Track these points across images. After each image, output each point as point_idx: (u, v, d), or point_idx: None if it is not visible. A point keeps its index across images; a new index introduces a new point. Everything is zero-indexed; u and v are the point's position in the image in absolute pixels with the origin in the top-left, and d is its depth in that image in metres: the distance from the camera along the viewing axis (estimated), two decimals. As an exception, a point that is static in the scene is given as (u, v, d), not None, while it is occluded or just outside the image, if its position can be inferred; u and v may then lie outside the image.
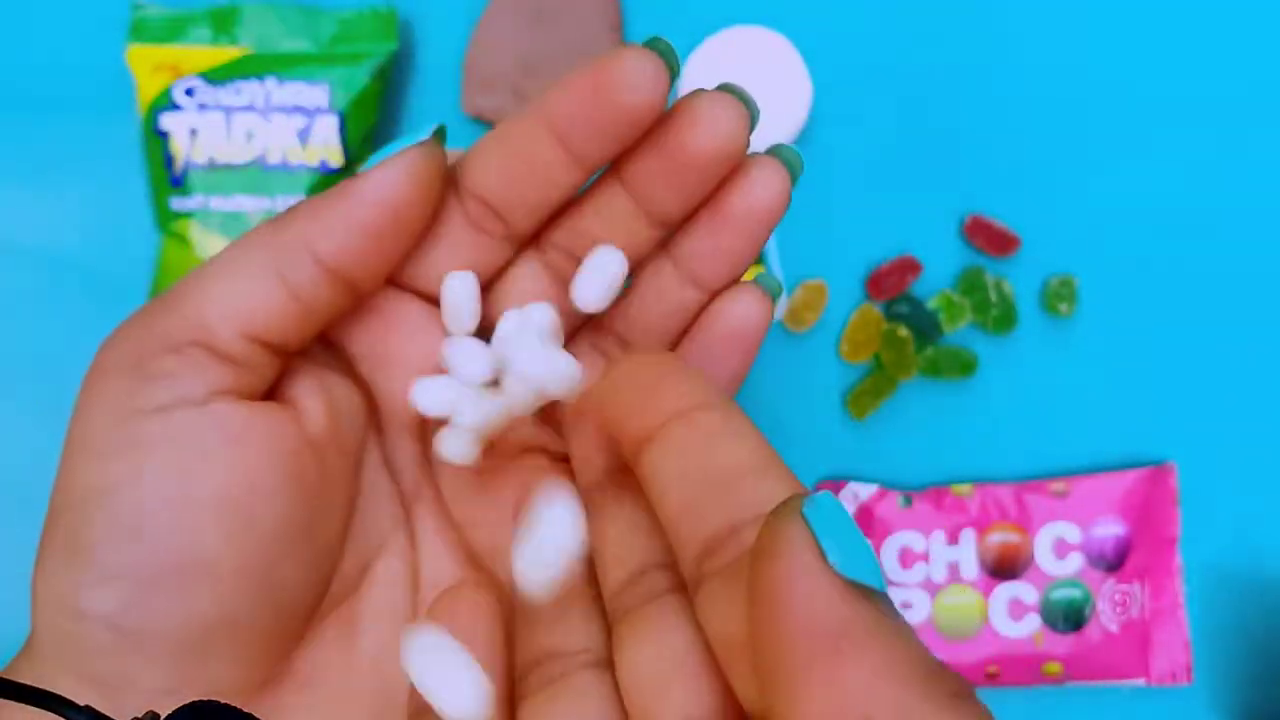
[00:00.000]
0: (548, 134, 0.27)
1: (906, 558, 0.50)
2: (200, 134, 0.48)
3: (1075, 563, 0.50)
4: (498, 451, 0.31)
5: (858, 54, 0.52)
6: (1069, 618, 0.49)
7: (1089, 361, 0.51)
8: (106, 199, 0.52)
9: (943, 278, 0.51)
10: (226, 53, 0.49)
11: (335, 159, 0.48)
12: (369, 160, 0.28)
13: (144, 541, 0.25)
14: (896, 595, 0.50)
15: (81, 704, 0.19)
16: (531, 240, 0.30)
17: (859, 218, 0.51)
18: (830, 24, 0.52)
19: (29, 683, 0.24)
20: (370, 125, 0.49)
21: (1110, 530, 0.50)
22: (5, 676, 0.19)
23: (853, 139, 0.52)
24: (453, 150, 0.50)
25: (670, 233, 0.30)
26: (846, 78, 0.52)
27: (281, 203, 0.48)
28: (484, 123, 0.51)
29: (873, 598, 0.19)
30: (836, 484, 0.51)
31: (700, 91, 0.28)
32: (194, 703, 0.21)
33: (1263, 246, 0.51)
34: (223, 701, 0.23)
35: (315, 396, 0.28)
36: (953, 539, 0.50)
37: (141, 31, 0.49)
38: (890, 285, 0.50)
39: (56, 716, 0.21)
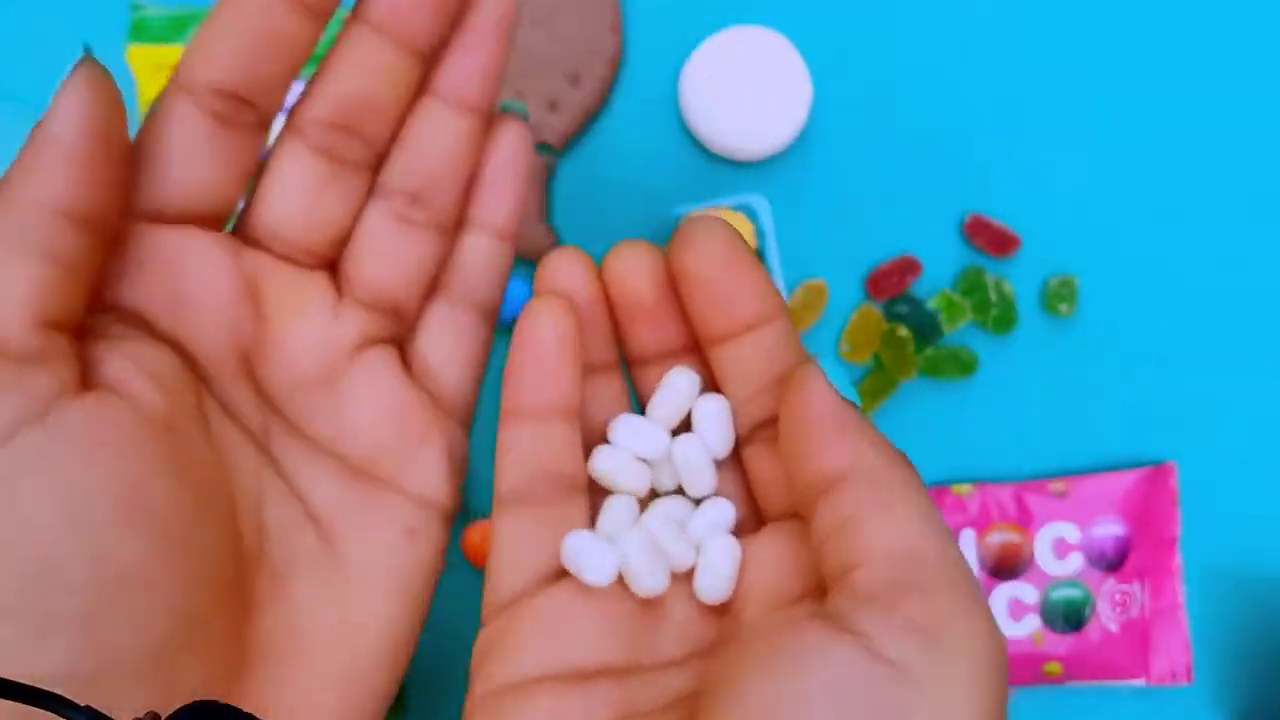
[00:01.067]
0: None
1: None
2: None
3: (1075, 563, 0.50)
4: (333, 356, 0.30)
5: (858, 54, 0.52)
6: (1069, 618, 0.49)
7: (1089, 361, 0.51)
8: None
9: (943, 278, 0.51)
10: (226, 53, 0.49)
11: (335, 159, 0.48)
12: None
13: (63, 574, 0.23)
14: None
15: (82, 704, 0.19)
16: (286, 125, 0.29)
17: (859, 218, 0.51)
18: (831, 24, 0.52)
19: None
20: (370, 125, 0.49)
21: (1110, 530, 0.50)
22: (6, 679, 0.19)
23: (853, 139, 0.52)
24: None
25: (429, 65, 0.30)
26: (847, 78, 0.52)
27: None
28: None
29: (854, 406, 0.27)
30: None
31: None
32: (194, 703, 0.21)
33: (1263, 246, 0.51)
34: (223, 702, 0.22)
35: (132, 373, 0.26)
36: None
37: (141, 32, 0.49)
38: (890, 285, 0.50)
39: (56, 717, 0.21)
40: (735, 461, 0.31)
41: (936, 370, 0.50)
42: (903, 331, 0.50)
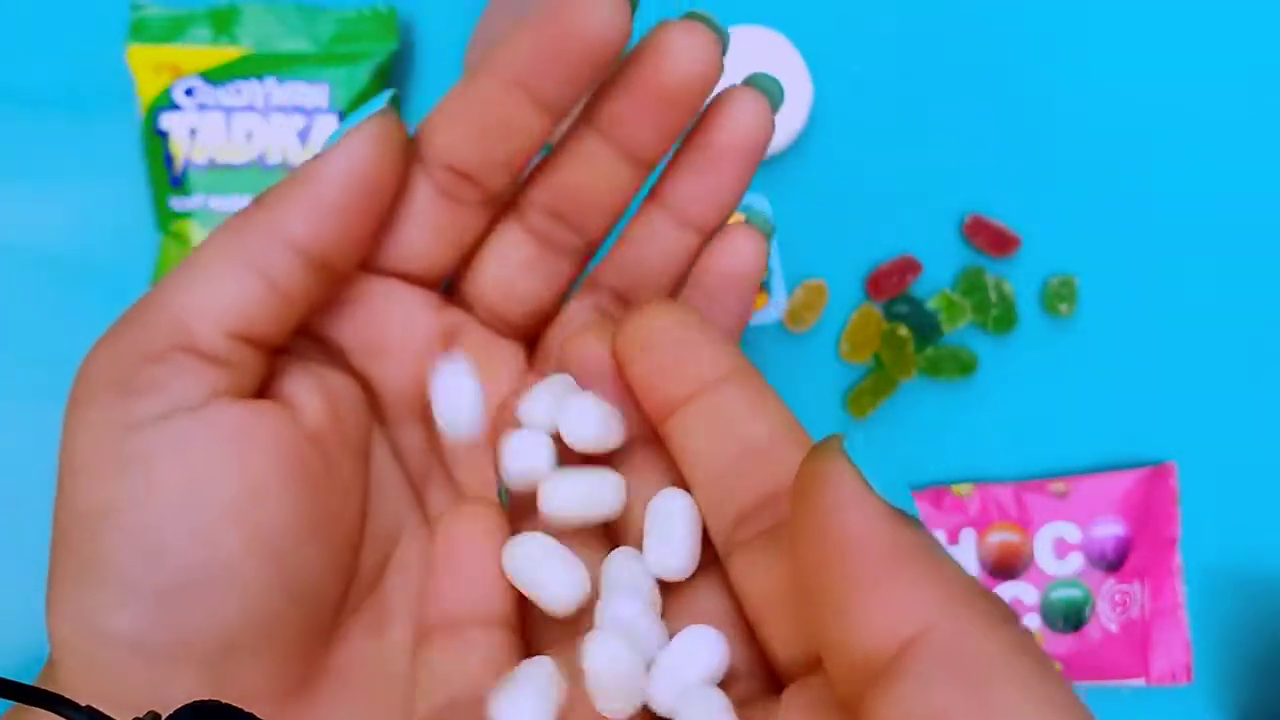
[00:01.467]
0: (510, 84, 0.26)
1: None
2: (200, 134, 0.48)
3: (1075, 563, 0.50)
4: (499, 418, 0.30)
5: (859, 54, 0.52)
6: (1069, 618, 0.49)
7: (1089, 361, 0.51)
8: (106, 199, 0.52)
9: (943, 278, 0.51)
10: (226, 53, 0.49)
11: (335, 159, 0.48)
12: (331, 137, 0.27)
13: (162, 555, 0.24)
14: None
15: (82, 704, 0.19)
16: (509, 203, 0.29)
17: (859, 218, 0.51)
18: (831, 24, 0.52)
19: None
20: (370, 125, 0.49)
21: (1110, 530, 0.50)
22: (7, 679, 0.19)
23: (853, 139, 0.52)
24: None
25: (650, 173, 0.29)
26: (847, 77, 0.52)
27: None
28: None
29: (914, 523, 0.19)
30: None
31: (668, 22, 0.27)
32: (195, 703, 0.21)
33: (1263, 246, 0.51)
34: (224, 701, 0.22)
35: (310, 391, 0.27)
36: (953, 539, 0.50)
37: (141, 31, 0.49)
38: (890, 285, 0.50)
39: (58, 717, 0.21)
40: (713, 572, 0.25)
41: (936, 370, 0.50)
42: (903, 331, 0.50)
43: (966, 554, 0.50)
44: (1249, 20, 0.52)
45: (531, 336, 0.31)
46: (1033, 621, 0.49)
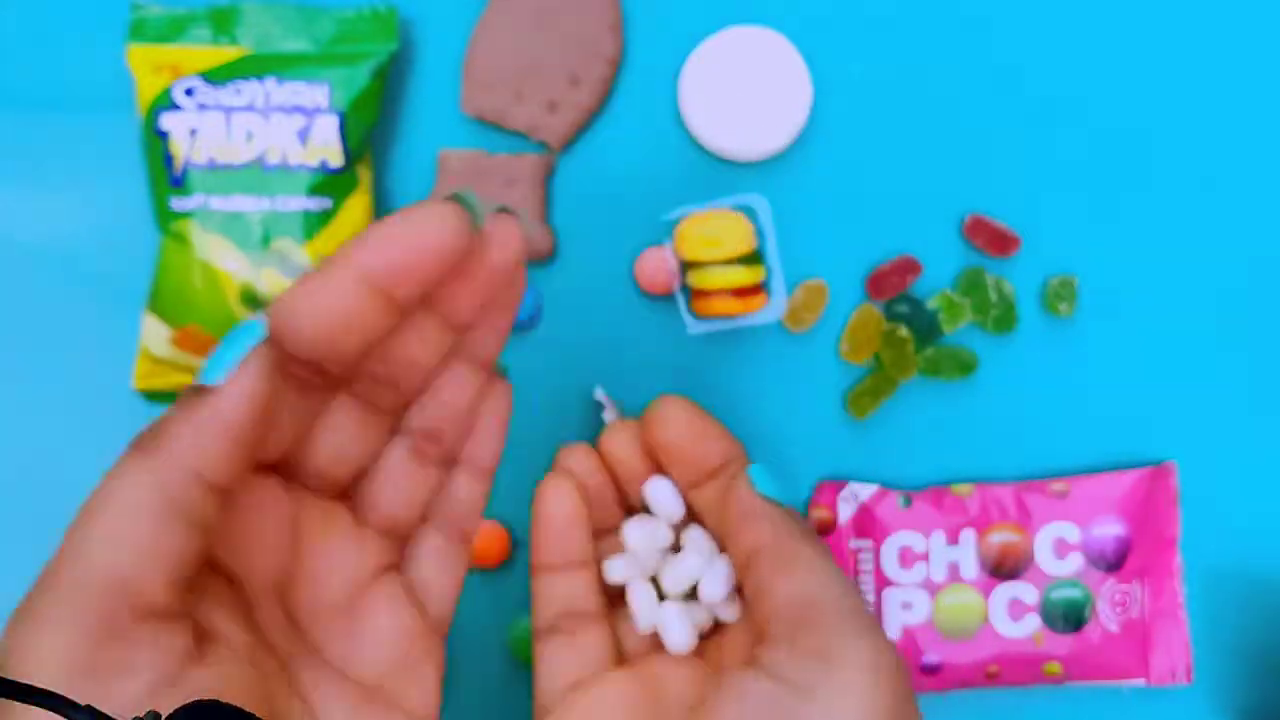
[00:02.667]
0: (364, 287, 0.29)
1: (906, 558, 0.50)
2: (200, 134, 0.48)
3: (1075, 563, 0.50)
4: (356, 584, 0.33)
5: (858, 54, 0.52)
6: (1069, 618, 0.49)
7: (1089, 361, 0.51)
8: (106, 199, 0.52)
9: (943, 278, 0.51)
10: (226, 53, 0.49)
11: (335, 159, 0.48)
12: (210, 364, 0.28)
13: None
14: (896, 595, 0.50)
15: (82, 704, 0.19)
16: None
17: (859, 218, 0.52)
18: (831, 24, 0.52)
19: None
20: (370, 125, 0.49)
21: (1110, 530, 0.50)
22: (6, 679, 0.19)
23: (853, 139, 0.52)
24: (458, 149, 0.50)
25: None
26: (847, 77, 0.52)
27: (282, 203, 0.48)
28: (484, 122, 0.51)
29: (791, 509, 0.37)
30: (837, 484, 0.51)
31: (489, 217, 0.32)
32: (195, 702, 0.21)
33: (1263, 246, 0.52)
34: (223, 701, 0.22)
35: (226, 619, 0.28)
36: (953, 539, 0.50)
37: (141, 31, 0.49)
38: (890, 285, 0.50)
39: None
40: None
41: (936, 370, 0.50)
42: (903, 331, 0.50)
43: (967, 554, 0.50)
44: (1249, 20, 0.52)
45: (348, 491, 0.34)
46: (1033, 621, 0.49)
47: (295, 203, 0.48)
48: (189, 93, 0.48)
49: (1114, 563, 0.50)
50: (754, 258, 0.47)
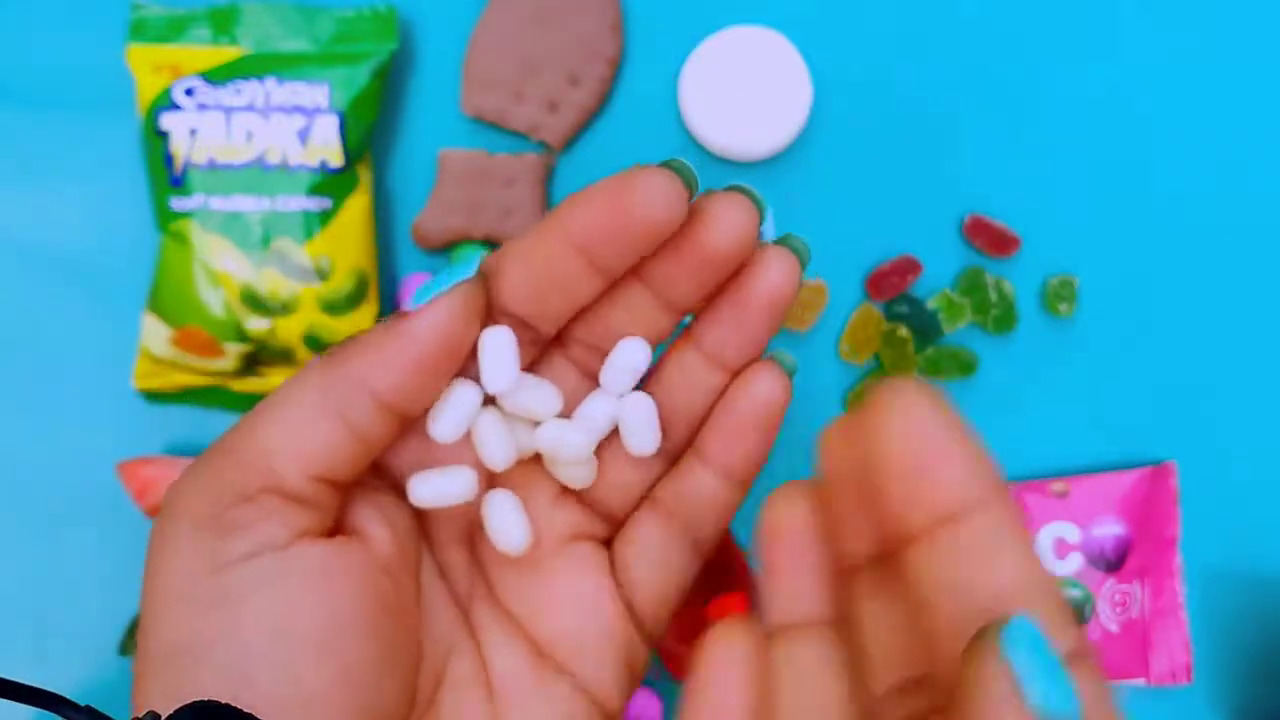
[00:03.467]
0: (571, 249, 0.29)
1: None
2: (200, 134, 0.48)
3: (1075, 563, 0.50)
4: (544, 542, 0.33)
5: (858, 54, 0.52)
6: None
7: (1089, 361, 0.51)
8: (106, 198, 0.52)
9: (943, 278, 0.51)
10: (226, 53, 0.49)
11: (335, 159, 0.48)
12: (418, 295, 0.29)
13: (252, 687, 0.26)
14: None
15: (82, 705, 0.19)
16: (555, 337, 0.32)
17: (859, 218, 0.52)
18: (831, 24, 0.52)
19: None
20: (370, 125, 0.49)
21: (1110, 530, 0.50)
22: (5, 679, 0.19)
23: (853, 139, 0.52)
24: (458, 149, 0.50)
25: (682, 320, 0.32)
26: (847, 78, 0.52)
27: (282, 203, 0.48)
28: (484, 122, 0.51)
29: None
30: None
31: (713, 194, 0.30)
32: (195, 703, 0.21)
33: (1263, 246, 0.52)
34: (223, 702, 0.23)
35: (378, 522, 0.30)
36: None
37: (141, 31, 0.49)
38: (890, 285, 0.50)
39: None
40: None
41: (936, 370, 0.50)
42: (903, 331, 0.50)
43: None
44: (1249, 21, 0.52)
45: None
46: None
47: (295, 203, 0.48)
48: (189, 93, 0.48)
49: (1114, 563, 0.50)
50: None
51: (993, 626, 0.19)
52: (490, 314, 0.30)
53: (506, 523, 0.31)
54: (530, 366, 0.32)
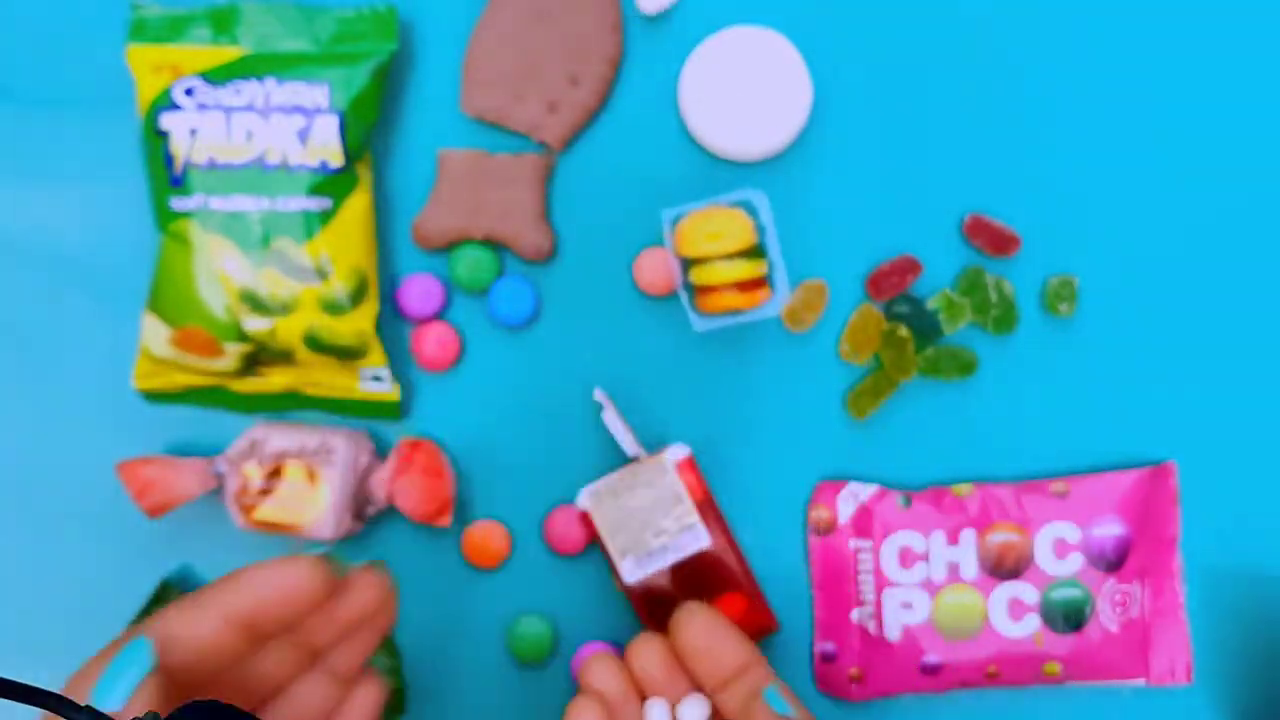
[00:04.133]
0: (227, 623, 0.36)
1: (906, 557, 0.50)
2: (200, 134, 0.48)
3: (1075, 563, 0.50)
4: None
5: (858, 54, 0.52)
6: (1069, 618, 0.49)
7: (1089, 361, 0.51)
8: (107, 198, 0.52)
9: (943, 278, 0.51)
10: (226, 53, 0.49)
11: (335, 159, 0.48)
12: (96, 690, 0.33)
13: None
14: (896, 595, 0.50)
15: (82, 704, 0.19)
16: None
17: (859, 217, 0.52)
18: (831, 24, 0.52)
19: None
20: (370, 125, 0.49)
21: (1110, 530, 0.50)
22: (6, 679, 0.19)
23: (853, 139, 0.52)
24: (458, 149, 0.51)
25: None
26: (847, 78, 0.52)
27: (282, 203, 0.48)
28: (484, 122, 0.51)
29: None
30: (836, 484, 0.51)
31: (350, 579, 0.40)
32: (194, 702, 0.21)
33: (1263, 246, 0.52)
34: (223, 702, 0.23)
35: None
36: (953, 539, 0.50)
37: (141, 31, 0.49)
38: (890, 285, 0.50)
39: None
40: None
41: (936, 370, 0.50)
42: (903, 331, 0.50)
43: (967, 554, 0.50)
44: (1248, 22, 0.52)
45: None
46: (1033, 622, 0.49)
47: (295, 203, 0.48)
48: (189, 93, 0.48)
49: (1114, 562, 0.50)
50: (755, 252, 0.48)
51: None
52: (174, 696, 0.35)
53: None
54: None
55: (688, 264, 0.48)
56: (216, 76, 0.48)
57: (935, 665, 0.50)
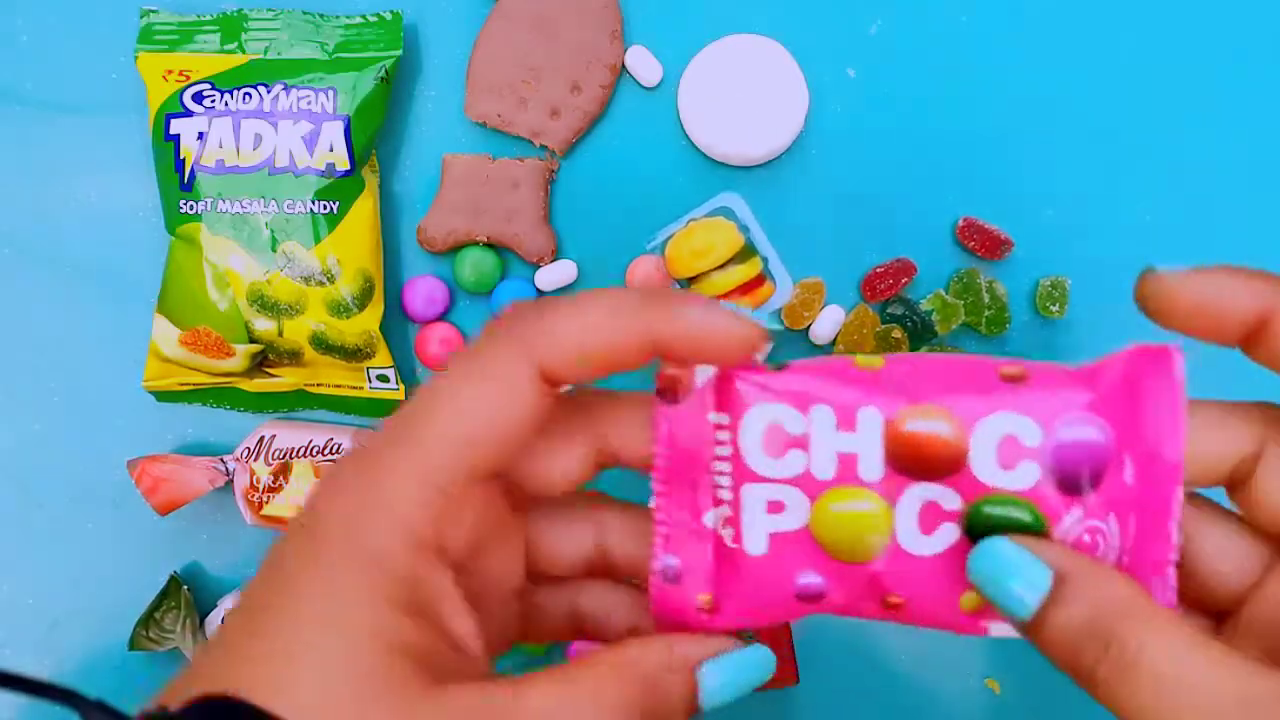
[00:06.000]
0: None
1: (774, 440, 0.32)
2: (209, 139, 0.48)
3: (1028, 475, 0.31)
4: None
5: (853, 60, 0.52)
6: None
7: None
8: (117, 202, 0.52)
9: (936, 280, 0.52)
10: (235, 59, 0.49)
11: (342, 163, 0.49)
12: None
13: None
14: (759, 494, 0.33)
15: (92, 699, 0.20)
16: None
17: (854, 221, 0.52)
18: (827, 32, 0.52)
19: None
20: (376, 130, 0.50)
21: (1082, 433, 0.32)
22: (17, 673, 0.20)
23: (848, 143, 0.52)
24: (462, 154, 0.51)
25: None
26: (842, 84, 0.52)
27: (289, 206, 0.48)
28: (487, 127, 0.52)
29: None
30: None
31: None
32: (203, 695, 0.21)
33: (1254, 248, 0.52)
34: (234, 698, 0.23)
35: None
36: (846, 422, 0.32)
37: (150, 38, 0.50)
38: (884, 287, 0.51)
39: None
40: None
41: (930, 370, 0.51)
42: (897, 333, 0.50)
43: (868, 445, 0.32)
44: (1242, 23, 0.52)
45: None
46: (948, 534, 0.32)
47: (302, 206, 0.48)
48: (198, 98, 0.49)
49: (1084, 483, 0.32)
50: (746, 252, 0.48)
51: None
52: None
53: None
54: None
55: (687, 285, 0.49)
56: (225, 82, 0.49)
57: (814, 590, 0.34)
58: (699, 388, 0.33)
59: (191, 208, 0.49)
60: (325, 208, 0.49)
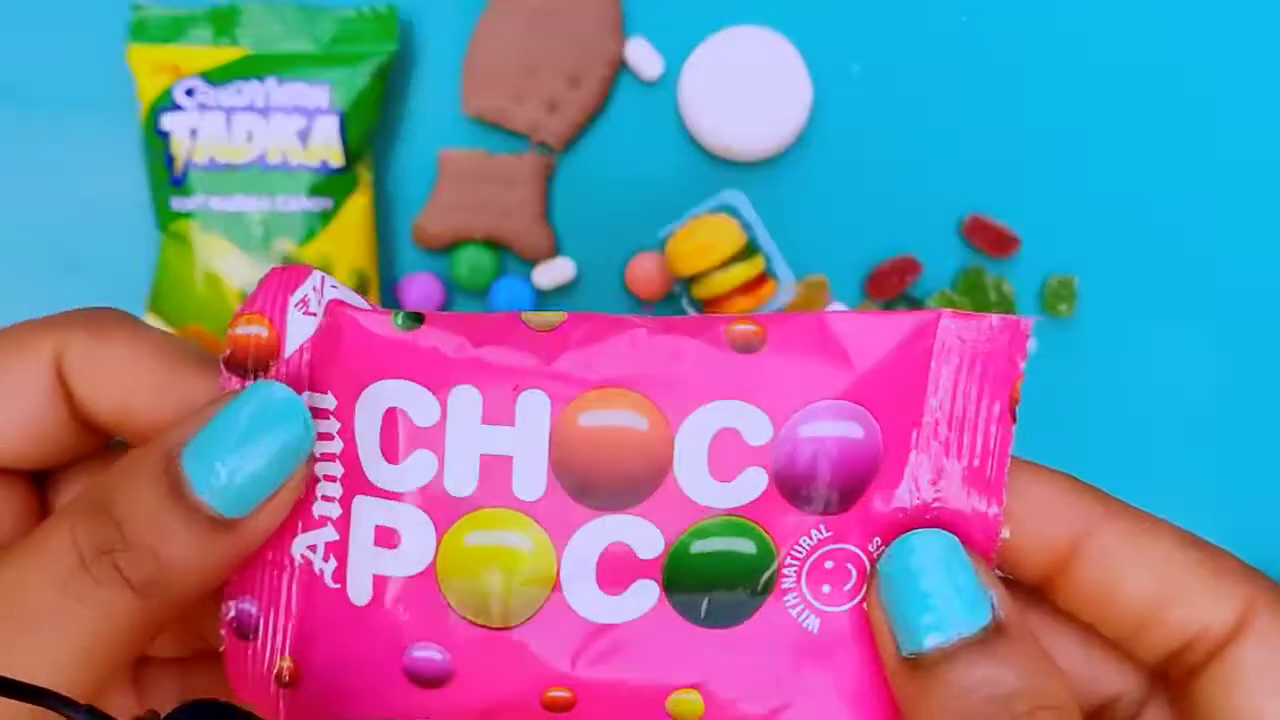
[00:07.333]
0: None
1: (394, 435, 0.23)
2: (201, 134, 0.48)
3: (752, 485, 0.23)
4: None
5: (858, 54, 0.52)
6: (720, 597, 0.23)
7: (1088, 361, 0.51)
8: (107, 198, 0.52)
9: (942, 278, 0.52)
10: (227, 53, 0.49)
11: (336, 159, 0.48)
12: (238, 489, 0.23)
13: None
14: (370, 513, 0.23)
15: (82, 703, 0.19)
16: None
17: (858, 217, 0.52)
18: (831, 24, 0.52)
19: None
20: (371, 125, 0.49)
21: (834, 429, 0.23)
22: (12, 678, 0.19)
23: (852, 139, 0.52)
24: (458, 150, 0.51)
25: None
26: (847, 78, 0.52)
27: (282, 202, 0.48)
28: (484, 122, 0.51)
29: None
30: (295, 271, 0.28)
31: None
32: (194, 701, 0.21)
33: (1263, 246, 0.52)
34: (223, 701, 0.23)
35: None
36: (498, 413, 0.23)
37: (141, 32, 0.49)
38: (889, 285, 0.51)
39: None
40: None
41: (936, 370, 0.50)
42: (902, 331, 0.50)
43: (528, 447, 0.23)
44: (1247, 22, 0.52)
45: None
46: (646, 594, 0.23)
47: (296, 203, 0.48)
48: (190, 93, 0.49)
49: (838, 497, 0.23)
50: (749, 251, 0.48)
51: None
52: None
53: None
54: None
55: (689, 283, 0.48)
56: (217, 77, 0.49)
57: (433, 670, 0.23)
58: (287, 355, 0.24)
59: (183, 205, 0.48)
60: (319, 204, 0.49)
